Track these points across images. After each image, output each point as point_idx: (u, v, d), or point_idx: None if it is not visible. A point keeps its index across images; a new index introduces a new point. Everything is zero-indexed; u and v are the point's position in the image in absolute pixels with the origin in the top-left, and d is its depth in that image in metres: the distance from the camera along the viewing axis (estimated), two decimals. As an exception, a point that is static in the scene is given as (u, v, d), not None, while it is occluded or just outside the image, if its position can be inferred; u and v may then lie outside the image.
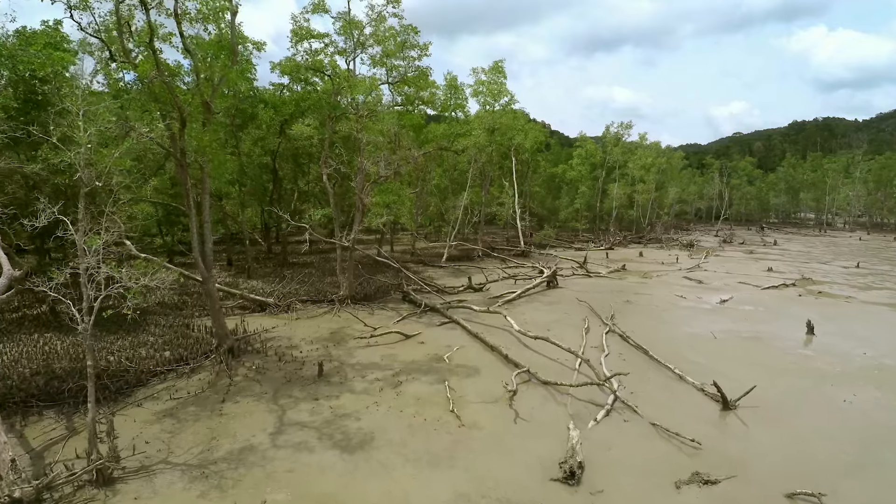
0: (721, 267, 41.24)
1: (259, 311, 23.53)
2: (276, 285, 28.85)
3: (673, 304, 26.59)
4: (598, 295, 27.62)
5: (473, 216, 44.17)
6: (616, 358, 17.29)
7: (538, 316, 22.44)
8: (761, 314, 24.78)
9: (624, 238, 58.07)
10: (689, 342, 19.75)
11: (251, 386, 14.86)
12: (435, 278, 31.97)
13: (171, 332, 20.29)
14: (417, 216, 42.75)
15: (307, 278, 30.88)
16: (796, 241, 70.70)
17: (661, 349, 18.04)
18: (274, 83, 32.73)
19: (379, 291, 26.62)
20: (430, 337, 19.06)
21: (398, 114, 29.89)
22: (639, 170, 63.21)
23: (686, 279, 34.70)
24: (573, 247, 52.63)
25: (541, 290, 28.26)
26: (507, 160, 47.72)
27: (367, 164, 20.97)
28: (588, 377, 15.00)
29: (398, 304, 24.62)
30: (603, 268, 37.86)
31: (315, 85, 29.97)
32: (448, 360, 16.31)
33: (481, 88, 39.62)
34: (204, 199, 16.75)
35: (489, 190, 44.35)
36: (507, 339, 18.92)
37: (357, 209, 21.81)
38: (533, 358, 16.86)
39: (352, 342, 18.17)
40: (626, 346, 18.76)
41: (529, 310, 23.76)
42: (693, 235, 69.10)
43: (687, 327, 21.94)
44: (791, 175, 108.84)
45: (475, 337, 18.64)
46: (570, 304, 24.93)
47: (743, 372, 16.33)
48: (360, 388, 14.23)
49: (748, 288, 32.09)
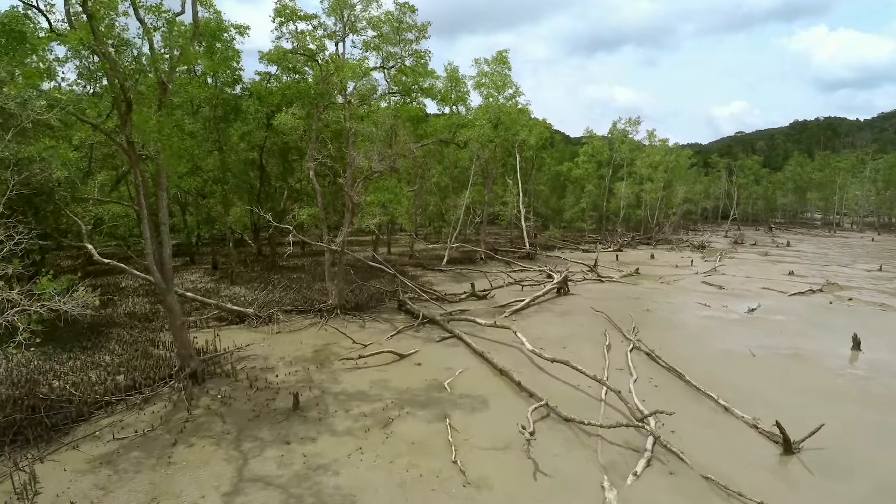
0: (739, 270, 38.74)
1: (237, 322, 21.02)
2: (259, 292, 26.33)
3: (697, 313, 24.06)
4: (614, 303, 25.08)
5: (476, 216, 41.60)
6: (646, 383, 14.76)
7: (551, 329, 19.89)
8: (796, 326, 22.28)
9: (632, 239, 55.55)
10: (725, 361, 17.23)
11: (212, 422, 12.32)
12: (434, 284, 29.43)
13: (132, 349, 17.80)
14: (416, 216, 40.18)
15: (295, 284, 28.37)
16: (807, 241, 68.23)
17: (694, 370, 15.54)
18: (260, 72, 30.19)
19: (372, 299, 24.08)
20: (428, 356, 16.50)
21: (394, 106, 27.35)
22: (647, 168, 60.66)
23: (705, 284, 32.19)
24: (580, 248, 50.08)
25: (551, 298, 25.72)
26: (510, 157, 45.18)
27: (356, 157, 18.44)
28: (619, 413, 12.47)
29: (393, 315, 22.07)
30: (615, 272, 35.33)
31: (304, 74, 27.44)
32: (449, 388, 13.76)
33: (484, 80, 37.06)
34: (161, 196, 14.18)
35: (492, 188, 41.75)
36: (516, 357, 16.39)
37: (347, 209, 19.27)
38: (549, 384, 14.34)
39: (337, 364, 15.60)
40: (655, 367, 16.22)
41: (540, 321, 21.21)
42: (704, 236, 66.51)
43: (719, 342, 19.40)
44: (799, 174, 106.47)
45: (481, 357, 16.08)
46: (584, 315, 22.37)
47: (793, 399, 13.89)
48: (341, 428, 11.67)
49: (773, 294, 29.61)
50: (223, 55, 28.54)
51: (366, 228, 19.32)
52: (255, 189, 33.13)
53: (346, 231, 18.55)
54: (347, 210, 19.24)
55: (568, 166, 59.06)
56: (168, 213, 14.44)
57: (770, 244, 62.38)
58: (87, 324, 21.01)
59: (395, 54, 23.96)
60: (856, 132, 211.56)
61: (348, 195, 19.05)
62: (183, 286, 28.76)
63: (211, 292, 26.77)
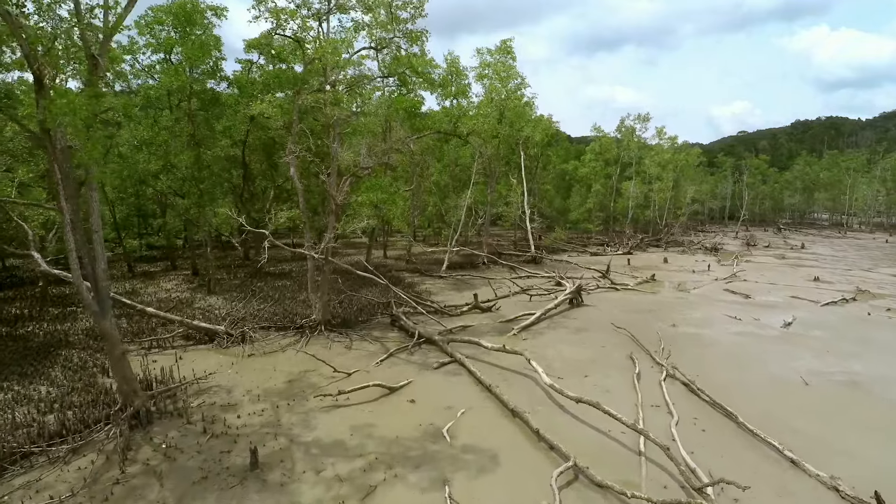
0: (760, 276, 36.03)
1: (207, 341, 18.31)
2: (237, 304, 23.62)
3: (729, 328, 21.35)
4: (634, 316, 22.38)
5: (478, 217, 38.85)
6: (689, 425, 12.06)
7: (567, 351, 17.16)
8: (840, 343, 19.60)
9: (640, 241, 52.81)
10: (774, 391, 14.54)
11: (147, 486, 9.61)
12: (433, 293, 26.71)
13: (76, 377, 15.10)
14: (414, 218, 37.47)
15: (279, 293, 25.66)
16: (820, 243, 65.56)
17: (742, 405, 12.92)
18: (241, 60, 27.48)
19: (363, 312, 21.37)
20: (423, 389, 13.77)
21: (389, 98, 24.63)
22: (656, 167, 57.95)
23: (728, 292, 29.48)
24: (588, 251, 47.38)
25: (563, 310, 23.00)
26: (514, 154, 42.46)
27: (339, 150, 15.73)
28: (665, 471, 9.76)
29: (385, 331, 19.34)
30: (629, 278, 32.61)
31: (290, 62, 24.74)
32: (449, 437, 11.03)
33: (487, 71, 34.31)
34: (91, 198, 11.43)
35: (495, 188, 38.99)
36: (530, 390, 13.68)
37: (330, 210, 16.55)
38: (573, 428, 11.63)
39: (313, 401, 12.86)
40: (696, 401, 13.51)
41: (554, 340, 18.49)
42: (716, 238, 63.77)
43: (761, 366, 16.68)
44: (807, 174, 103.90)
45: (487, 390, 13.35)
46: (604, 332, 19.65)
47: (867, 444, 11.34)
48: (308, 500, 8.95)
49: (804, 304, 26.94)
50: (200, 41, 25.89)
51: (352, 234, 16.57)
52: (239, 188, 30.46)
53: (330, 237, 15.83)
54: (330, 212, 16.51)
55: (574, 165, 56.33)
56: (100, 218, 11.68)
57: (783, 246, 59.75)
58: (39, 343, 18.39)
59: (390, 40, 21.20)
60: (859, 132, 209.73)
61: (331, 195, 16.34)
62: (156, 296, 26.10)
63: (184, 303, 24.08)
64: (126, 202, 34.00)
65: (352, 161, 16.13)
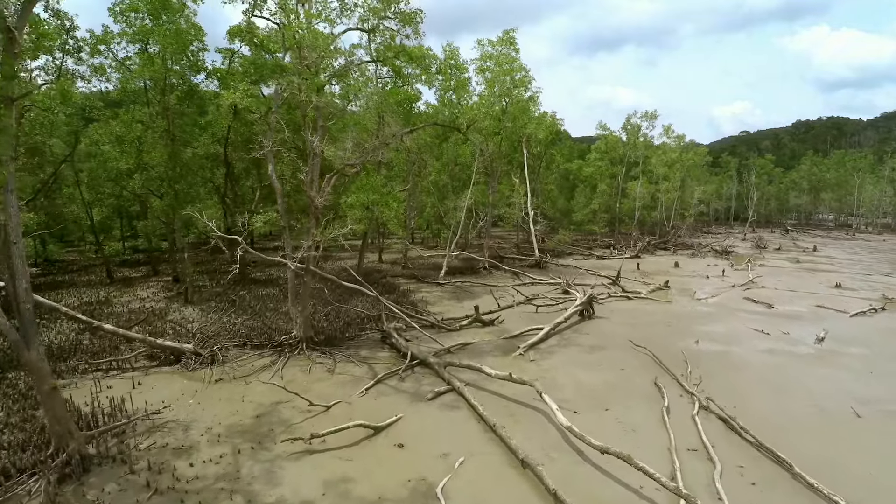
0: (777, 282, 33.94)
1: (173, 361, 16.20)
2: (214, 314, 21.53)
3: (758, 345, 19.23)
4: (651, 331, 20.27)
5: (479, 219, 36.69)
6: (735, 475, 9.96)
7: (583, 375, 15.02)
8: (884, 362, 17.54)
9: (648, 243, 50.67)
10: (825, 427, 12.44)
11: (57, 570, 7.50)
12: (430, 302, 24.61)
13: (17, 408, 13.01)
14: (411, 220, 35.36)
15: (261, 303, 23.56)
16: (832, 245, 63.51)
17: (791, 446, 10.93)
18: (221, 49, 25.33)
19: (351, 327, 19.25)
20: (415, 427, 11.65)
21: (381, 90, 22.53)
22: (663, 166, 55.85)
23: (748, 301, 27.38)
24: (594, 254, 45.25)
25: (574, 322, 20.87)
26: (516, 153, 40.32)
27: (319, 145, 13.62)
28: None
29: (375, 350, 17.21)
30: (640, 284, 30.50)
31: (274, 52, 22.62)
32: (444, 498, 8.90)
33: (488, 64, 32.17)
34: (7, 202, 9.28)
35: (497, 188, 36.82)
36: (543, 430, 11.56)
37: (310, 213, 14.43)
38: (596, 484, 9.52)
39: (281, 446, 10.72)
40: (738, 441, 11.39)
41: (566, 361, 16.34)
42: (727, 241, 61.62)
43: (803, 393, 14.56)
44: (814, 174, 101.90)
45: (491, 430, 11.21)
46: (622, 351, 17.50)
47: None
48: None
49: (831, 314, 24.88)
50: (177, 28, 23.80)
51: (337, 239, 14.47)
52: (221, 188, 28.34)
53: (309, 244, 13.69)
54: (311, 215, 14.39)
55: (578, 164, 54.19)
56: (20, 226, 9.53)
57: (794, 248, 57.71)
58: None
59: (376, 9, 18.76)
60: (861, 132, 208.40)
61: (309, 197, 14.21)
62: (129, 305, 24.00)
63: (157, 315, 21.99)
64: (105, 203, 31.89)
65: (335, 157, 14.03)
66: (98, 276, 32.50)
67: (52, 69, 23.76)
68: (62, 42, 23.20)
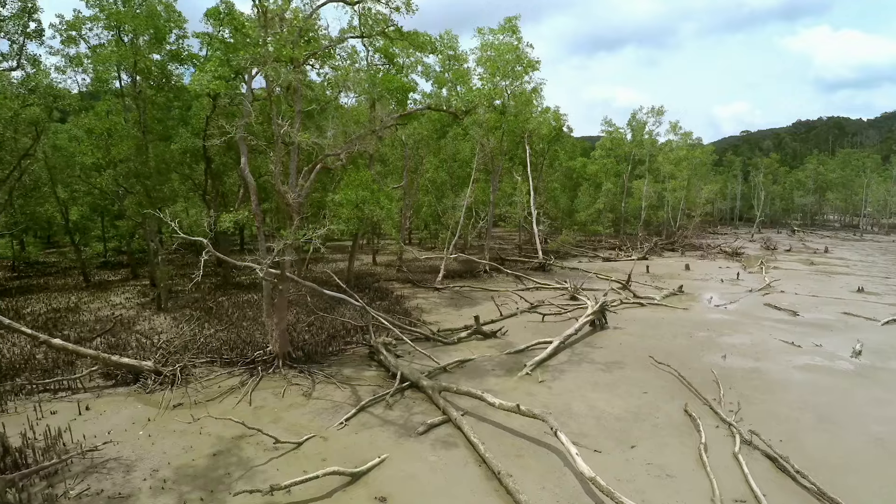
0: (796, 285, 31.90)
1: (131, 381, 14.18)
2: (186, 324, 19.50)
3: (791, 360, 17.18)
4: (671, 343, 18.24)
5: (479, 219, 34.63)
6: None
7: (601, 401, 12.94)
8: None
9: (655, 244, 48.63)
10: (889, 465, 10.43)
11: None
12: (425, 310, 22.56)
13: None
14: (406, 220, 33.32)
15: (239, 311, 21.55)
16: (841, 246, 61.54)
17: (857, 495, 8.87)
18: (199, 33, 23.26)
19: (335, 340, 17.18)
20: (402, 472, 9.58)
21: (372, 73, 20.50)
22: (670, 164, 53.78)
23: (770, 307, 25.37)
24: (599, 256, 43.21)
25: (585, 333, 18.81)
26: (519, 149, 38.28)
27: (293, 131, 11.55)
28: None
29: (360, 368, 15.14)
30: (652, 289, 28.46)
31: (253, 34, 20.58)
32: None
33: (489, 53, 30.09)
34: None
35: (499, 185, 34.73)
36: (557, 475, 9.51)
37: (286, 213, 12.37)
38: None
39: (236, 499, 8.67)
40: (792, 487, 9.37)
41: (581, 383, 14.25)
42: (736, 242, 59.58)
43: (858, 423, 12.45)
44: (820, 173, 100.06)
45: (496, 478, 9.15)
46: (642, 369, 15.41)
47: None
48: None
49: (860, 322, 22.92)
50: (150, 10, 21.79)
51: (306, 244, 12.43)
52: (202, 185, 26.28)
53: (282, 247, 11.62)
54: (287, 215, 12.34)
55: (582, 161, 52.12)
56: None
57: (804, 250, 55.72)
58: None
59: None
60: (863, 131, 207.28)
61: (279, 192, 12.15)
62: (98, 313, 21.97)
63: (125, 324, 19.97)
64: (81, 201, 29.84)
65: (313, 146, 11.98)
66: (75, 279, 30.52)
67: (11, 55, 21.83)
68: (23, 24, 21.27)
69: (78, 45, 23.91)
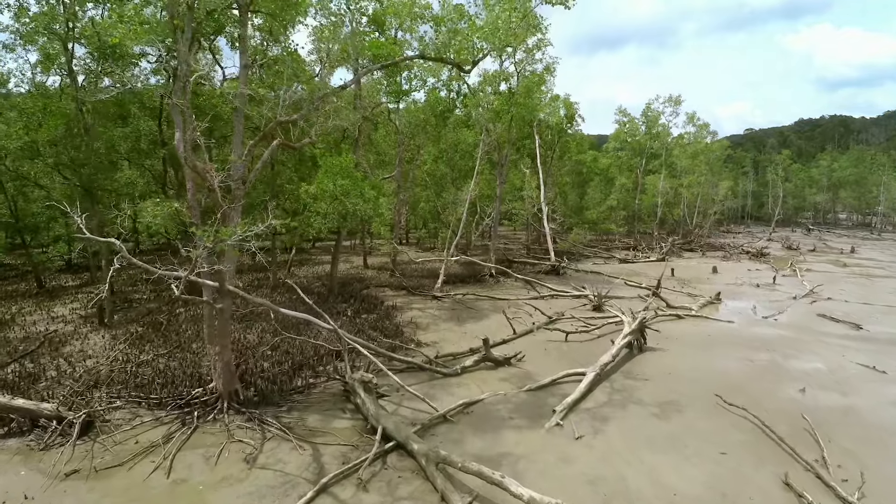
0: (839, 291, 28.19)
1: (28, 429, 10.48)
2: (124, 345, 15.78)
3: (884, 392, 13.47)
4: (732, 370, 14.49)
5: (483, 216, 30.87)
6: None
7: (664, 467, 9.14)
8: None
9: (672, 244, 44.85)
10: None
11: None
12: (422, 325, 18.80)
13: None
14: (401, 218, 29.56)
15: (193, 327, 17.79)
16: (864, 245, 57.93)
17: None
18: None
19: (302, 370, 13.41)
20: None
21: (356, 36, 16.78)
22: (687, 157, 50.02)
23: (824, 318, 21.66)
24: (615, 256, 39.44)
25: (622, 358, 15.01)
26: (527, 138, 34.51)
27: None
28: None
29: (331, 414, 11.34)
30: (685, 296, 24.70)
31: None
32: None
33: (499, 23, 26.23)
34: None
35: (506, 179, 30.89)
36: None
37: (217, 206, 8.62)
38: None
39: None
40: None
41: (631, 436, 10.44)
42: (760, 242, 55.84)
43: None
44: (834, 170, 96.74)
45: None
46: (706, 412, 11.59)
47: None
48: None
49: (935, 336, 19.24)
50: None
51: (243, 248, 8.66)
52: (161, 176, 22.49)
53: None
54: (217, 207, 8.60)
55: (592, 155, 48.33)
56: None
57: (828, 250, 52.05)
58: None
59: None
60: (868, 129, 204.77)
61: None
62: (33, 327, 18.28)
63: (54, 343, 16.24)
64: (30, 197, 26.09)
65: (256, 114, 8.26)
66: (28, 284, 26.83)
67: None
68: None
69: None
